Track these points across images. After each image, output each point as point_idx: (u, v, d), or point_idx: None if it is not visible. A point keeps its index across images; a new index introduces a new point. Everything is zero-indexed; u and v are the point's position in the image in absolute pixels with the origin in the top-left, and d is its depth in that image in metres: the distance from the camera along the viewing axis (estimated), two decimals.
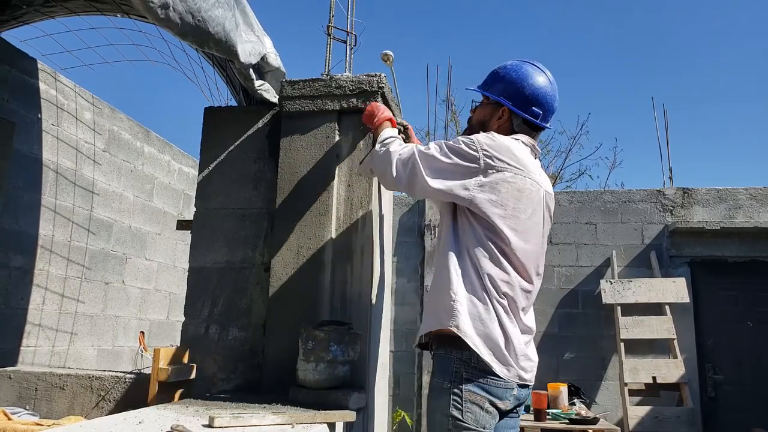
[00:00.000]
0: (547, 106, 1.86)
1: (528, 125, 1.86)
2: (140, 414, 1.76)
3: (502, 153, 1.72)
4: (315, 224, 2.33)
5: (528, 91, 1.84)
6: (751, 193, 5.57)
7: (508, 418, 1.76)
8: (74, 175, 4.05)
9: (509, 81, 1.86)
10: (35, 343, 3.74)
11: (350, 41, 2.90)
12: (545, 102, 1.85)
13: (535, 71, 1.87)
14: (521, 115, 1.84)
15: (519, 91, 1.84)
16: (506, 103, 1.85)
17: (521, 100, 1.84)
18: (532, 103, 1.84)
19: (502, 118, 1.87)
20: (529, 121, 1.85)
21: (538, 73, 1.86)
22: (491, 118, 1.90)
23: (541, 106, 1.85)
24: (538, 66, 1.89)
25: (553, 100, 1.87)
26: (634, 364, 5.13)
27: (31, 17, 3.32)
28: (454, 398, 1.64)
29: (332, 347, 1.96)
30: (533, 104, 1.84)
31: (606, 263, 5.64)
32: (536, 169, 1.82)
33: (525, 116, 1.84)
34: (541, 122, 1.86)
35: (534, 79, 1.85)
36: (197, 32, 2.09)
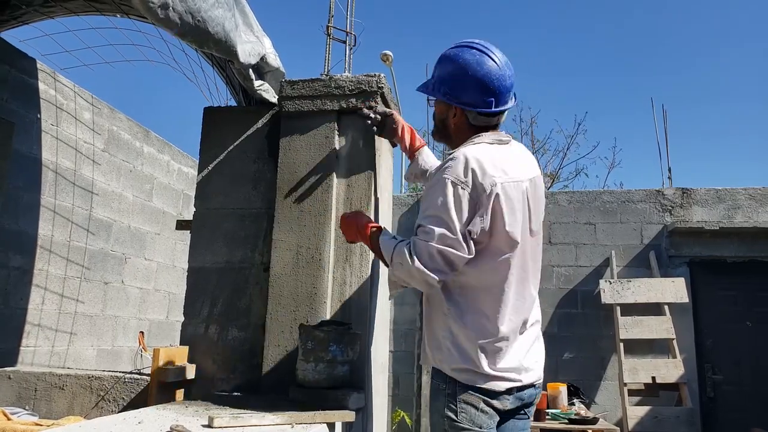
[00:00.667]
0: (497, 89, 1.74)
1: (485, 115, 1.77)
2: (140, 414, 1.76)
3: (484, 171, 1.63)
4: (314, 224, 2.33)
5: (471, 82, 1.73)
6: (750, 194, 5.57)
7: (515, 420, 1.73)
8: (73, 175, 4.05)
9: (451, 78, 1.77)
10: (35, 343, 3.74)
11: (349, 41, 2.91)
12: (494, 86, 1.73)
13: (474, 58, 1.74)
14: (473, 111, 1.76)
15: (462, 86, 1.75)
16: (453, 103, 1.78)
17: (468, 94, 1.75)
18: (480, 91, 1.74)
19: (457, 116, 1.81)
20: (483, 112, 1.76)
21: (480, 58, 1.74)
22: (447, 117, 1.84)
23: (490, 92, 1.74)
24: (478, 48, 1.76)
25: (503, 80, 1.74)
26: (633, 364, 5.14)
27: (30, 17, 3.32)
28: (449, 399, 1.64)
29: (332, 347, 1.96)
30: (482, 93, 1.74)
31: (605, 263, 5.64)
32: (511, 162, 1.72)
33: (477, 110, 1.76)
34: (495, 109, 1.76)
35: (476, 69, 1.73)
36: (197, 32, 2.09)
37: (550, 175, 14.29)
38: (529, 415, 1.78)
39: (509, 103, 1.79)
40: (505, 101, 1.78)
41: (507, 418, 1.70)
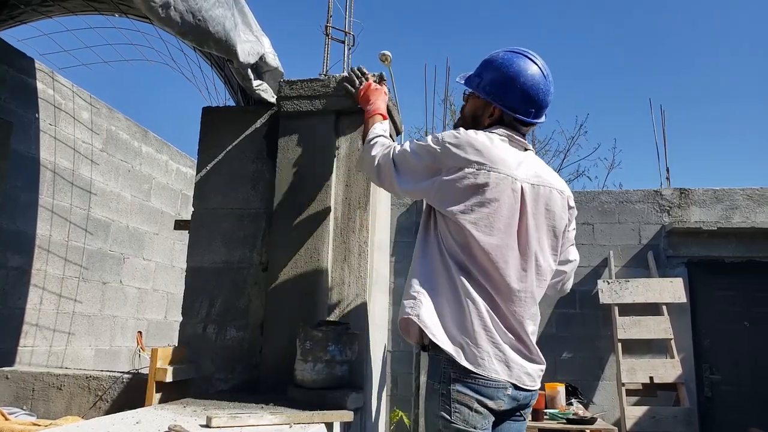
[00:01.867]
0: (540, 102, 1.78)
1: (520, 122, 1.80)
2: (138, 414, 1.76)
3: (464, 150, 1.68)
4: (313, 224, 2.33)
5: (519, 89, 1.76)
6: (748, 194, 5.58)
7: (511, 421, 1.71)
8: (72, 174, 4.04)
9: (500, 78, 1.78)
10: (32, 343, 3.74)
11: (348, 41, 2.91)
12: (538, 99, 1.77)
13: (527, 66, 1.77)
14: (511, 115, 1.78)
15: (510, 90, 1.77)
16: (496, 103, 1.79)
17: (513, 99, 1.77)
18: (525, 101, 1.77)
19: (494, 116, 1.81)
20: (520, 119, 1.79)
21: (531, 67, 1.77)
22: (483, 114, 1.84)
23: (534, 104, 1.77)
24: (530, 57, 1.79)
25: (545, 95, 1.78)
26: (631, 364, 5.14)
27: (28, 17, 3.32)
28: (443, 399, 1.62)
29: (330, 347, 1.96)
30: (525, 102, 1.77)
31: (603, 263, 5.65)
32: (513, 160, 1.72)
33: (516, 116, 1.78)
34: (533, 119, 1.80)
35: (526, 76, 1.75)
36: (197, 32, 2.09)
37: None
38: (525, 417, 1.77)
39: (542, 118, 1.83)
40: (541, 115, 1.82)
41: (502, 419, 1.69)
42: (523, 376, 1.66)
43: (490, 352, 1.62)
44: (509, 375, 1.63)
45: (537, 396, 1.79)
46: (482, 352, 1.61)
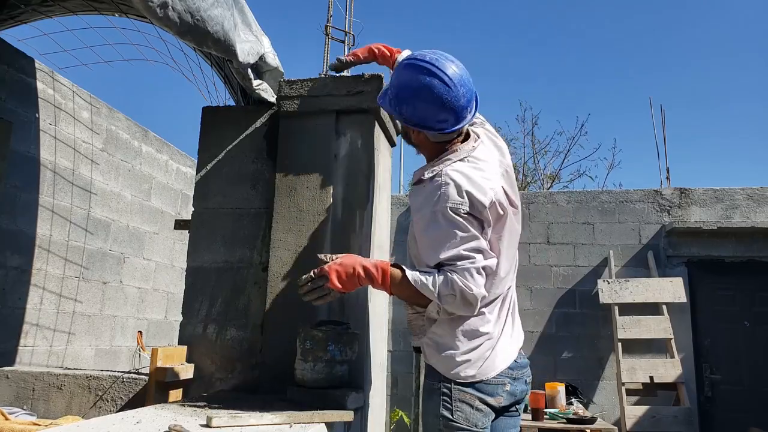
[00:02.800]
0: (451, 109, 1.68)
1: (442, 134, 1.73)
2: (138, 414, 1.76)
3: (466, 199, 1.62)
4: (313, 224, 2.33)
5: (424, 108, 1.68)
6: (748, 193, 5.59)
7: (505, 417, 1.74)
8: (72, 174, 4.04)
9: (405, 101, 1.72)
10: (33, 343, 3.74)
11: (348, 41, 2.91)
12: (447, 108, 1.67)
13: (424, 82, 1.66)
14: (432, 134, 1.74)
15: (415, 110, 1.70)
16: (410, 125, 1.75)
17: (425, 119, 1.70)
18: (434, 117, 1.69)
19: (416, 133, 1.78)
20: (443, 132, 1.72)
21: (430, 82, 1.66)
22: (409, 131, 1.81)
23: (443, 115, 1.68)
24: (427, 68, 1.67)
25: (456, 100, 1.66)
26: (631, 363, 5.14)
27: (28, 17, 3.31)
28: (444, 398, 1.63)
29: (330, 347, 1.96)
30: (435, 118, 1.69)
31: (603, 263, 5.65)
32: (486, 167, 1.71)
33: (435, 133, 1.72)
34: (455, 126, 1.70)
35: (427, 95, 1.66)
36: (196, 31, 2.09)
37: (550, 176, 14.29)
38: (519, 411, 1.80)
39: (467, 118, 1.73)
40: (461, 118, 1.71)
41: (499, 414, 1.71)
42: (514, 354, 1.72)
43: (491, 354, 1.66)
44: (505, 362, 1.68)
45: (530, 391, 1.84)
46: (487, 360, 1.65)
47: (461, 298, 1.58)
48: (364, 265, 1.67)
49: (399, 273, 1.65)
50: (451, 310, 1.62)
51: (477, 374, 1.64)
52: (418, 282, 1.61)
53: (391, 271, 1.66)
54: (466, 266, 1.58)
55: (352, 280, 1.67)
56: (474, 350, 1.66)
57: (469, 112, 1.73)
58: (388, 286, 1.66)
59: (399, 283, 1.65)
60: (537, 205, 5.86)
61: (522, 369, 1.74)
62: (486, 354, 1.66)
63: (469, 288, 1.57)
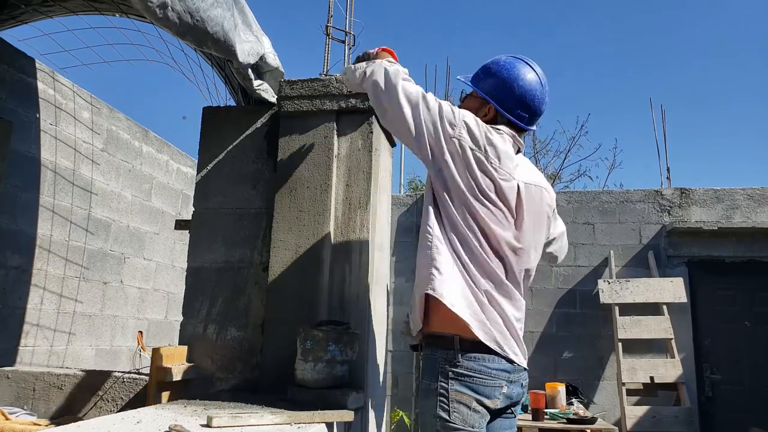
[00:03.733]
0: (534, 109, 1.84)
1: (513, 125, 1.85)
2: (138, 414, 1.76)
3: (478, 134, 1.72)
4: (313, 224, 2.34)
5: (517, 93, 1.82)
6: (749, 194, 5.58)
7: (502, 419, 1.73)
8: (72, 174, 4.05)
9: (499, 80, 1.84)
10: (33, 343, 3.74)
11: (349, 41, 2.91)
12: (533, 105, 1.83)
13: (527, 72, 1.84)
14: (506, 117, 1.83)
15: (507, 92, 1.83)
16: (492, 102, 1.84)
17: (509, 101, 1.83)
18: (519, 105, 1.82)
19: (488, 115, 1.86)
20: (513, 122, 1.84)
21: (530, 74, 1.83)
22: (477, 113, 1.87)
23: (528, 109, 1.83)
24: (530, 65, 1.86)
25: (540, 103, 1.84)
26: (631, 363, 5.14)
27: (29, 17, 3.32)
28: (441, 399, 1.62)
29: (330, 347, 1.96)
30: (520, 107, 1.82)
31: (604, 263, 5.65)
32: (512, 160, 1.78)
33: (510, 118, 1.83)
34: (525, 125, 1.85)
35: (524, 81, 1.82)
36: (196, 32, 2.09)
37: (550, 176, 14.30)
38: (515, 414, 1.80)
39: (534, 124, 1.88)
40: (533, 122, 1.87)
41: (495, 417, 1.71)
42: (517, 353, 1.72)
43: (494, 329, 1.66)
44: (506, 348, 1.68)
45: (527, 394, 1.83)
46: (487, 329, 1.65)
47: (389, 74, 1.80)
48: None
49: None
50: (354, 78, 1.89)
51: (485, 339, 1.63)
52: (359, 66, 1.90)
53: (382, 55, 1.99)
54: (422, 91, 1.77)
55: None
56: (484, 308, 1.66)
57: (537, 122, 1.89)
58: None
59: None
60: None
61: (519, 372, 1.74)
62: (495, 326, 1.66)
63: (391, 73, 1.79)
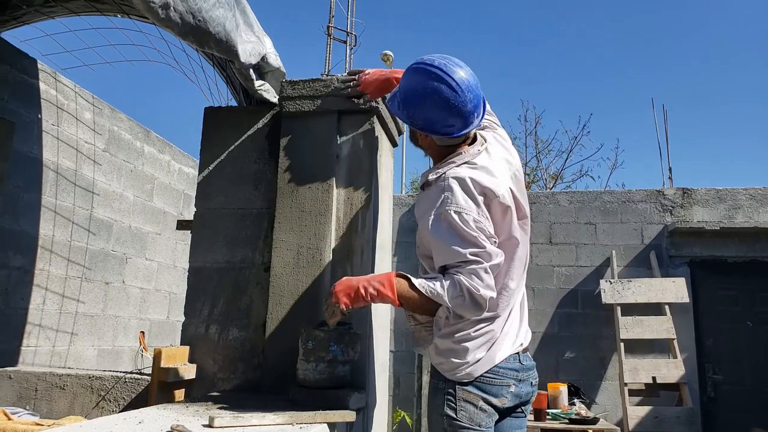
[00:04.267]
0: (458, 114, 1.70)
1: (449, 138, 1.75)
2: (140, 414, 1.77)
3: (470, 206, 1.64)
4: (315, 224, 2.33)
5: (431, 112, 1.70)
6: (751, 194, 5.57)
7: (512, 418, 1.74)
8: (74, 175, 4.05)
9: (412, 104, 1.74)
10: (35, 343, 3.74)
11: (350, 41, 2.91)
12: (454, 113, 1.69)
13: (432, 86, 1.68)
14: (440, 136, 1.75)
15: (422, 114, 1.73)
16: (417, 128, 1.78)
17: (429, 122, 1.73)
18: (441, 121, 1.71)
19: (422, 137, 1.82)
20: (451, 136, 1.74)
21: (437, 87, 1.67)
22: (416, 134, 1.85)
23: (450, 119, 1.71)
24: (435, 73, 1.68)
25: (463, 105, 1.68)
26: (633, 364, 5.14)
27: (31, 17, 3.32)
28: (448, 397, 1.64)
29: (332, 347, 1.96)
30: (442, 122, 1.71)
31: (606, 263, 5.64)
32: (492, 170, 1.71)
33: (443, 137, 1.75)
34: (461, 131, 1.73)
35: (434, 99, 1.68)
36: (198, 32, 2.10)
37: (552, 176, 14.27)
38: (525, 413, 1.80)
39: (473, 123, 1.75)
40: (467, 123, 1.73)
41: (504, 416, 1.71)
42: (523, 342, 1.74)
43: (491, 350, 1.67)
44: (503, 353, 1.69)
45: (536, 393, 1.83)
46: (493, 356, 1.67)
47: (470, 299, 1.57)
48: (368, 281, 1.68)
49: (405, 283, 1.66)
50: (461, 312, 1.62)
51: (474, 371, 1.65)
52: (425, 288, 1.62)
53: (397, 282, 1.66)
54: (472, 268, 1.58)
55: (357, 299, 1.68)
56: (477, 351, 1.67)
57: (476, 117, 1.75)
58: (395, 298, 1.65)
59: (406, 292, 1.64)
60: (539, 205, 5.85)
61: (528, 371, 1.74)
62: (485, 354, 1.67)
63: (476, 288, 1.57)
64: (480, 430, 1.62)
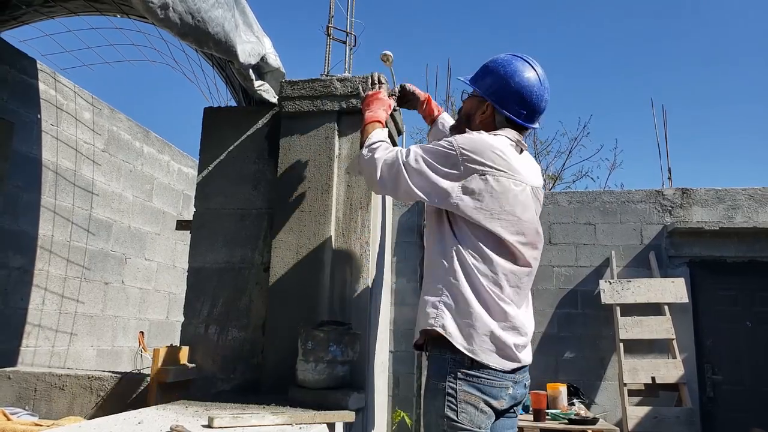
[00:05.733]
0: (533, 106, 1.80)
1: (512, 123, 1.82)
2: (140, 414, 1.77)
3: (481, 154, 1.69)
4: (314, 224, 2.33)
5: (514, 89, 1.79)
6: (750, 194, 5.57)
7: (504, 418, 1.75)
8: (74, 175, 4.05)
9: (497, 76, 1.82)
10: (35, 344, 3.74)
11: (350, 41, 2.91)
12: (531, 102, 1.80)
13: (524, 68, 1.80)
14: (503, 113, 1.81)
15: (505, 88, 1.80)
16: (490, 99, 1.82)
17: (506, 97, 1.80)
18: (517, 101, 1.79)
19: (486, 113, 1.84)
20: (512, 119, 1.81)
21: (528, 71, 1.80)
22: (476, 112, 1.87)
23: (526, 105, 1.80)
24: (529, 62, 1.82)
25: (539, 100, 1.81)
26: (633, 364, 5.14)
27: (30, 17, 3.32)
28: (449, 399, 1.63)
29: (331, 347, 1.96)
30: (518, 103, 1.79)
31: (605, 263, 5.64)
32: (520, 164, 1.77)
33: (508, 115, 1.81)
34: (524, 122, 1.82)
35: (521, 77, 1.79)
36: (197, 33, 2.10)
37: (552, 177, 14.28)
38: (516, 414, 1.82)
39: (536, 123, 1.85)
40: (533, 119, 1.84)
41: (498, 416, 1.72)
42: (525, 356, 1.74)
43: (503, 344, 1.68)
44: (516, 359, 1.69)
45: (528, 394, 1.86)
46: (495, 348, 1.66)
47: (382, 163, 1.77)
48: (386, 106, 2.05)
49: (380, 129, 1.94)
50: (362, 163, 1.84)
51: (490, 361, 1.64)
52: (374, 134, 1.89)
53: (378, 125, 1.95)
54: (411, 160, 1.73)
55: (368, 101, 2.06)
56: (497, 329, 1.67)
57: (538, 120, 1.85)
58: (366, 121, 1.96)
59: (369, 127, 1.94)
60: None
61: (522, 373, 1.75)
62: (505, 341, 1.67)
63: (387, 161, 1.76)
64: (479, 431, 1.62)
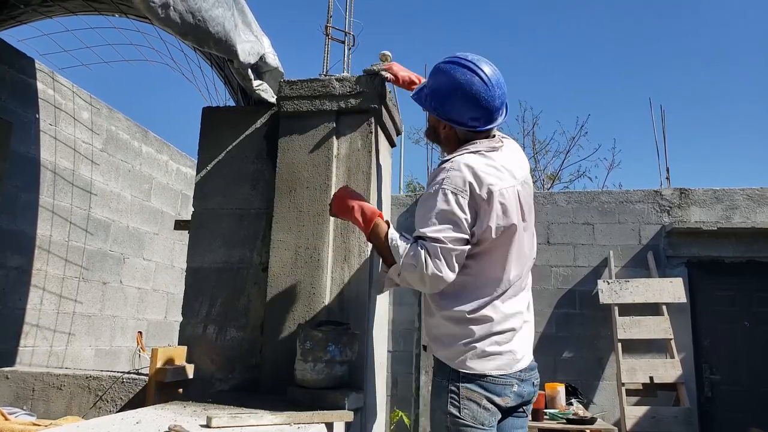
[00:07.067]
0: (485, 108, 1.75)
1: (472, 132, 1.79)
2: (138, 414, 1.76)
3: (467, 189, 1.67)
4: (313, 224, 2.33)
5: (460, 103, 1.75)
6: (748, 194, 5.58)
7: (513, 418, 1.75)
8: (72, 175, 4.04)
9: (440, 96, 1.79)
10: (33, 343, 3.74)
11: (348, 41, 2.91)
12: (482, 106, 1.75)
13: (465, 77, 1.74)
14: (462, 129, 1.79)
15: (452, 105, 1.77)
16: (442, 119, 1.81)
17: (456, 112, 1.77)
18: (468, 112, 1.76)
19: (446, 128, 1.84)
20: (472, 130, 1.78)
21: (470, 78, 1.74)
22: (438, 127, 1.87)
23: (478, 111, 1.75)
24: (468, 66, 1.75)
25: (491, 100, 1.75)
26: (631, 364, 5.14)
27: (29, 17, 3.32)
28: (452, 396, 1.66)
29: (330, 347, 1.96)
30: (469, 113, 1.76)
31: (603, 263, 5.65)
32: (501, 167, 1.74)
33: (465, 129, 1.79)
34: (484, 126, 1.77)
35: (464, 89, 1.74)
36: (197, 32, 2.09)
37: (550, 176, 14.29)
38: (527, 413, 1.82)
39: (497, 120, 1.80)
40: (492, 119, 1.79)
41: (506, 415, 1.72)
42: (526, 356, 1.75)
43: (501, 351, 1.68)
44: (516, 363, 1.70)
45: (537, 393, 1.85)
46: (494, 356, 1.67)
47: (420, 272, 1.65)
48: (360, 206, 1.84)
49: (384, 227, 1.78)
50: (408, 279, 1.71)
51: (481, 368, 1.66)
52: (393, 241, 1.73)
53: (377, 221, 1.80)
54: (437, 247, 1.64)
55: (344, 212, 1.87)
56: (482, 340, 1.68)
57: (501, 114, 1.81)
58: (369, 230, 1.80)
59: (379, 233, 1.78)
60: (537, 205, 5.81)
61: (530, 371, 1.76)
62: (494, 348, 1.68)
63: (428, 266, 1.64)
64: (483, 428, 1.63)
